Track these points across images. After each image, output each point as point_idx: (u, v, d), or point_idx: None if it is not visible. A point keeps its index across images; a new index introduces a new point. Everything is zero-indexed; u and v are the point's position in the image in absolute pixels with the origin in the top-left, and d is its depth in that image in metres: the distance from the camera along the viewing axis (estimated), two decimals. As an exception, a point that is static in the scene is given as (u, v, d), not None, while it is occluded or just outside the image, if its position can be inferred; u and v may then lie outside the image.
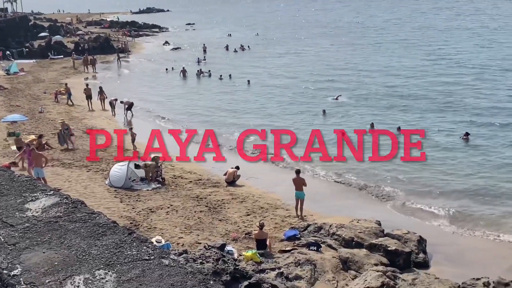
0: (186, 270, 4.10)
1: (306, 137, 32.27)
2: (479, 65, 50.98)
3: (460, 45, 64.62)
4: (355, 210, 21.71)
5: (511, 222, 20.08)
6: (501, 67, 49.16)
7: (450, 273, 16.32)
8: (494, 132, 30.97)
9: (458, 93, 40.99)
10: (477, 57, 55.33)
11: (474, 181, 24.17)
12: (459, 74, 47.75)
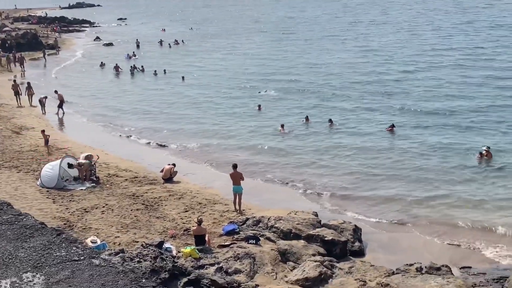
0: (117, 269, 3.99)
1: (242, 132, 32.50)
2: (406, 59, 52.23)
3: (388, 39, 66.05)
4: (292, 202, 21.97)
5: (437, 208, 20.78)
6: (427, 61, 50.61)
7: (384, 260, 16.83)
8: (420, 123, 31.86)
9: (387, 85, 41.89)
10: (402, 51, 56.62)
11: (402, 171, 24.79)
12: (387, 67, 48.77)
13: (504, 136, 28.21)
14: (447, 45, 57.11)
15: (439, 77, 43.03)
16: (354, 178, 24.41)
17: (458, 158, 25.72)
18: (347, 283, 14.71)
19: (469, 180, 23.17)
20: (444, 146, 27.50)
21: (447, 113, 33.12)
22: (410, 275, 14.55)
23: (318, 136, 30.89)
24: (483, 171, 24.10)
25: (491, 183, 22.67)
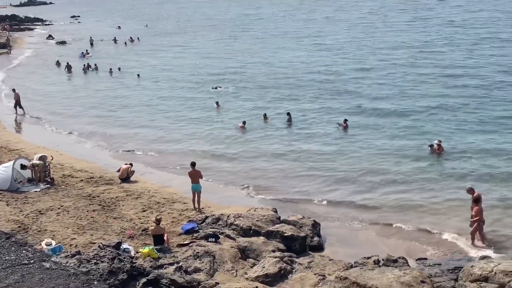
0: (68, 272, 3.89)
1: (199, 131, 32.35)
2: (359, 56, 52.84)
3: (342, 36, 66.58)
4: (251, 199, 22.01)
5: (392, 203, 21.12)
6: (380, 58, 51.35)
7: (343, 253, 17.04)
8: (373, 119, 32.34)
9: (341, 82, 42.19)
10: (356, 49, 57.23)
11: (356, 166, 25.09)
12: (341, 65, 49.16)
13: (456, 133, 28.70)
14: (400, 43, 57.84)
15: (392, 74, 43.59)
16: (312, 177, 24.45)
17: (411, 153, 26.16)
18: (307, 277, 14.80)
19: (423, 175, 23.52)
20: (397, 142, 27.87)
21: (400, 110, 33.49)
22: (368, 268, 14.71)
23: (277, 134, 30.95)
24: (435, 165, 24.55)
25: (443, 178, 23.02)
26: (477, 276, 13.89)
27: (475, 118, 30.19)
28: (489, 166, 23.63)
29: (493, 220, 18.80)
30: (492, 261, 14.55)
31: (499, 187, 21.61)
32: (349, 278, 14.00)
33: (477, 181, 22.06)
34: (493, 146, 25.83)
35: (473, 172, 23.24)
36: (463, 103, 33.28)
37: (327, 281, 14.31)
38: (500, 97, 33.35)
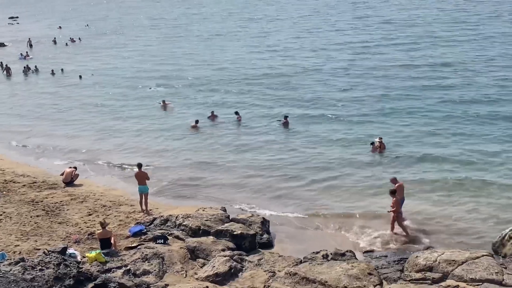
0: (8, 279, 3.77)
1: (146, 131, 32.00)
2: (302, 55, 53.08)
3: (284, 36, 66.58)
4: (201, 199, 21.93)
5: (336, 198, 21.54)
6: (323, 55, 51.88)
7: (292, 250, 17.20)
8: (314, 117, 32.56)
9: (283, 81, 42.30)
10: (297, 47, 57.55)
11: (299, 163, 25.42)
12: (284, 65, 49.28)
13: (394, 127, 29.41)
14: (341, 41, 58.30)
15: (334, 73, 43.94)
16: (258, 173, 24.65)
17: (352, 150, 26.60)
18: (257, 275, 14.88)
19: (365, 170, 24.03)
20: (338, 138, 28.38)
21: (339, 106, 34.10)
22: (317, 263, 14.93)
23: (227, 132, 31.02)
24: (377, 161, 25.10)
25: (384, 172, 23.56)
26: (421, 266, 14.31)
27: (417, 117, 30.81)
28: (430, 162, 24.28)
29: (437, 214, 19.48)
30: (435, 251, 15.02)
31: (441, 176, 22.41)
32: (299, 274, 14.17)
33: (419, 177, 22.73)
34: (433, 143, 26.57)
35: (414, 167, 23.89)
36: (405, 103, 33.63)
37: (277, 278, 14.42)
38: (444, 96, 34.17)
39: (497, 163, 23.51)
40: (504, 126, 27.97)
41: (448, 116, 30.18)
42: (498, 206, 19.72)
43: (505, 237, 15.56)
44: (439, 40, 52.85)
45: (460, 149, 25.38)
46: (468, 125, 28.45)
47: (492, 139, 26.36)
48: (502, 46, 47.46)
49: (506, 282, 13.31)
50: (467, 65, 41.59)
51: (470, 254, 14.54)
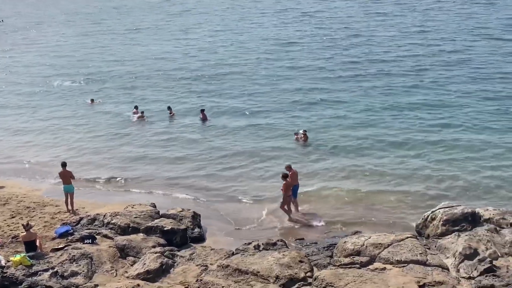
0: None
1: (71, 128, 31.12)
2: (223, 49, 52.83)
3: (204, 30, 65.92)
4: (129, 195, 21.54)
5: (265, 191, 21.67)
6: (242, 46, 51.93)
7: (224, 242, 17.20)
8: (234, 107, 33.01)
9: (201, 75, 42.12)
10: (221, 41, 57.18)
11: (224, 155, 25.70)
12: (201, 58, 48.83)
13: (314, 118, 30.09)
14: (262, 35, 58.13)
15: (256, 63, 44.29)
16: (183, 165, 24.83)
17: (278, 140, 27.09)
18: (189, 269, 14.79)
19: (289, 160, 24.39)
20: (263, 127, 28.94)
21: (259, 98, 34.48)
22: (249, 254, 15.02)
23: (156, 127, 30.81)
24: (300, 151, 25.63)
25: (309, 161, 24.23)
26: (350, 251, 14.69)
27: (338, 108, 31.48)
28: (353, 153, 24.91)
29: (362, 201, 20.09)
30: (363, 236, 15.46)
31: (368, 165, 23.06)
32: (231, 266, 14.20)
33: (342, 168, 23.30)
34: (357, 135, 27.22)
35: (335, 157, 24.51)
36: (326, 95, 34.25)
37: (210, 271, 14.40)
38: (362, 88, 35.13)
39: (413, 150, 24.51)
40: (416, 115, 29.17)
41: (366, 108, 31.04)
42: (419, 190, 20.58)
43: (428, 219, 16.21)
44: (356, 33, 53.97)
45: (379, 139, 26.16)
46: (385, 116, 29.31)
47: (408, 127, 27.40)
48: (419, 36, 49.35)
49: (429, 262, 13.89)
50: (383, 57, 42.84)
51: (395, 237, 15.06)
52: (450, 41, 46.59)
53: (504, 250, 14.12)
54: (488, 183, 20.67)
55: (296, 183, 19.35)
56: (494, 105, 29.67)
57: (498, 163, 22.35)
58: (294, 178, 19.29)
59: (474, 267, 13.35)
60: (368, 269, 13.87)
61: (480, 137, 25.28)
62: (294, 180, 19.21)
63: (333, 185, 21.46)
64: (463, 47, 43.95)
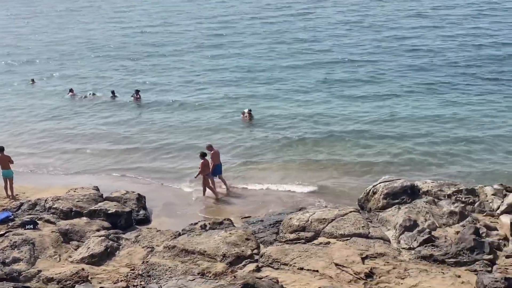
0: None
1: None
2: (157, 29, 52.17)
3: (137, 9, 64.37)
4: (71, 179, 21.08)
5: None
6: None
7: (170, 223, 17.11)
8: (169, 92, 33.00)
9: (138, 54, 41.73)
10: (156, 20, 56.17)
11: (163, 138, 25.75)
12: (135, 37, 48.24)
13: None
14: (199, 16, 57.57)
15: (196, 40, 43.92)
16: (126, 148, 24.64)
17: (226, 119, 27.28)
18: (135, 252, 14.66)
19: (236, 141, 24.69)
20: (207, 107, 29.21)
21: (202, 76, 34.69)
22: (195, 234, 14.99)
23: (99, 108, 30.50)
24: (246, 129, 25.92)
25: (254, 139, 24.59)
26: (295, 227, 14.89)
27: (281, 87, 31.83)
28: (296, 130, 25.32)
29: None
30: (307, 212, 15.68)
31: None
32: (178, 246, 14.17)
33: (287, 144, 23.72)
34: (300, 112, 27.62)
35: (282, 135, 24.80)
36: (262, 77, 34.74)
37: (156, 252, 14.32)
38: (308, 65, 35.48)
39: (356, 126, 25.15)
40: (354, 93, 29.93)
41: (309, 87, 31.51)
42: (362, 165, 21.16)
43: (369, 193, 16.59)
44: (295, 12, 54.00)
45: (324, 116, 26.72)
46: (319, 95, 29.81)
47: (351, 103, 28.12)
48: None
49: (371, 234, 14.27)
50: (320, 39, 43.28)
51: (338, 212, 15.37)
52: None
53: (442, 221, 14.64)
54: (426, 158, 21.37)
55: (218, 162, 19.78)
56: (418, 79, 31.01)
57: (433, 139, 23.12)
58: (216, 158, 19.68)
59: (413, 238, 13.80)
60: (313, 244, 14.11)
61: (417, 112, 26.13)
62: (216, 160, 19.63)
63: (278, 162, 21.69)
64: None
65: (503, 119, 24.34)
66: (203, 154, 19.22)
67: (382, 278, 12.21)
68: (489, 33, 39.92)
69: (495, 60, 33.03)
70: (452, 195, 15.92)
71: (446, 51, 36.37)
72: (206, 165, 19.08)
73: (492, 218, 14.94)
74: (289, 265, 13.12)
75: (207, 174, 19.16)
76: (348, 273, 12.49)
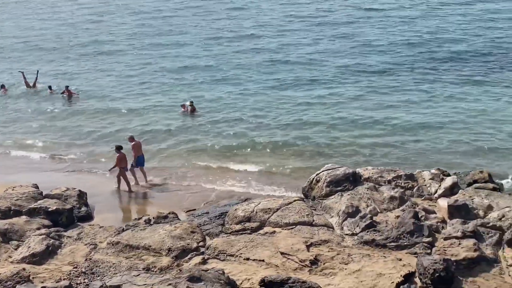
0: None
1: None
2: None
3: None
4: (8, 176, 20.39)
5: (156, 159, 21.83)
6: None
7: (113, 219, 16.83)
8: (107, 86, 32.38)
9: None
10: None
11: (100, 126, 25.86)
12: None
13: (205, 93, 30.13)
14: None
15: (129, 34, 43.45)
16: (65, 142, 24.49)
17: (162, 114, 27.04)
18: (77, 249, 14.34)
19: (179, 133, 24.57)
20: (146, 99, 29.04)
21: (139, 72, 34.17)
22: (139, 229, 14.81)
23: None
24: (188, 122, 25.77)
25: (198, 132, 24.51)
26: (241, 217, 14.95)
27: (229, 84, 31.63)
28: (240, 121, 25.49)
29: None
30: (253, 202, 15.78)
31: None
32: (121, 242, 13.98)
33: (234, 137, 23.71)
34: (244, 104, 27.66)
35: (227, 127, 24.84)
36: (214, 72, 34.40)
37: (99, 249, 14.07)
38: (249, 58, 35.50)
39: (300, 117, 25.38)
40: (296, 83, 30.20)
41: (251, 78, 31.53)
42: (307, 154, 21.47)
43: (313, 181, 16.82)
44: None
45: (266, 108, 26.85)
46: (265, 91, 29.55)
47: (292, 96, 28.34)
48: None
49: (316, 222, 14.50)
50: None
51: (283, 201, 15.54)
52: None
53: (383, 206, 15.03)
54: (367, 146, 21.90)
55: (140, 154, 19.74)
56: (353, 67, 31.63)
57: (372, 128, 23.70)
58: (137, 149, 19.67)
59: (356, 224, 14.10)
60: (259, 234, 14.20)
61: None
62: (137, 151, 19.61)
63: (225, 156, 21.80)
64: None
65: (435, 108, 25.12)
66: (118, 147, 19.20)
67: (326, 264, 12.43)
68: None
69: (427, 51, 33.74)
70: (392, 181, 16.37)
71: (378, 41, 36.88)
72: (122, 158, 19.01)
73: (430, 201, 15.46)
74: (235, 256, 13.17)
75: (123, 167, 19.05)
76: (293, 261, 12.65)
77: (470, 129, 22.66)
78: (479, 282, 11.61)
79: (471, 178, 16.56)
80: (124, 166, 19.14)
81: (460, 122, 23.42)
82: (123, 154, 19.08)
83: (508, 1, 44.16)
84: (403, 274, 11.68)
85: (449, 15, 42.17)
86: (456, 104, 25.23)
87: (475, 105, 25.09)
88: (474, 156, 20.41)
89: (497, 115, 23.86)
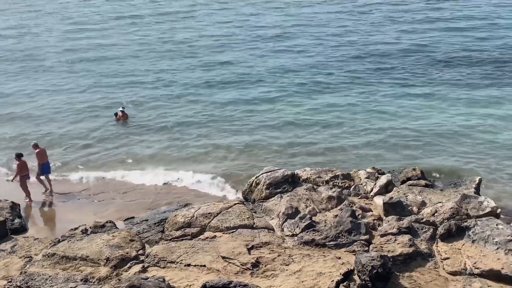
0: None
1: None
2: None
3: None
4: None
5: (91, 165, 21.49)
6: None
7: (48, 230, 16.41)
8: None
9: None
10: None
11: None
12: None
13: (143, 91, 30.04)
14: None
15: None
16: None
17: (98, 122, 26.54)
18: (12, 262, 13.82)
19: (108, 140, 24.34)
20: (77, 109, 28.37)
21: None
22: (76, 239, 14.42)
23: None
24: (122, 130, 25.46)
25: (130, 141, 24.25)
26: (181, 223, 14.79)
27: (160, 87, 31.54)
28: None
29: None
30: (193, 207, 15.64)
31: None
32: (57, 253, 13.57)
33: (169, 146, 23.59)
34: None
35: (154, 134, 24.75)
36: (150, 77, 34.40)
37: (35, 262, 13.61)
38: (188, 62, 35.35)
39: (237, 122, 25.54)
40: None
41: (183, 84, 31.45)
42: (244, 159, 21.56)
43: (253, 184, 16.88)
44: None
45: (203, 114, 26.85)
46: (205, 94, 29.76)
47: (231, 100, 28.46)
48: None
49: (256, 224, 14.53)
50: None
51: (223, 205, 15.49)
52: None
53: (321, 206, 15.25)
54: (306, 148, 22.24)
55: (44, 161, 19.43)
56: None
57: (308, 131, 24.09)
58: (42, 157, 19.33)
59: (296, 224, 14.23)
60: (200, 239, 14.10)
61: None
62: (41, 159, 19.28)
63: (163, 163, 21.65)
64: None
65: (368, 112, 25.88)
66: (18, 154, 18.72)
67: (268, 266, 12.47)
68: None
69: (368, 55, 34.66)
70: (330, 181, 16.66)
71: (327, 48, 37.48)
72: (23, 166, 18.58)
73: (366, 200, 15.81)
74: (176, 262, 13.00)
75: (23, 176, 18.62)
76: (235, 265, 12.61)
77: (395, 128, 23.57)
78: (415, 277, 11.95)
79: (404, 175, 17.05)
80: (26, 174, 18.68)
81: (393, 121, 24.22)
82: (23, 162, 18.61)
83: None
84: (343, 272, 11.87)
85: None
86: (384, 108, 25.94)
87: (399, 104, 26.10)
88: (406, 154, 21.10)
89: (422, 112, 24.89)
